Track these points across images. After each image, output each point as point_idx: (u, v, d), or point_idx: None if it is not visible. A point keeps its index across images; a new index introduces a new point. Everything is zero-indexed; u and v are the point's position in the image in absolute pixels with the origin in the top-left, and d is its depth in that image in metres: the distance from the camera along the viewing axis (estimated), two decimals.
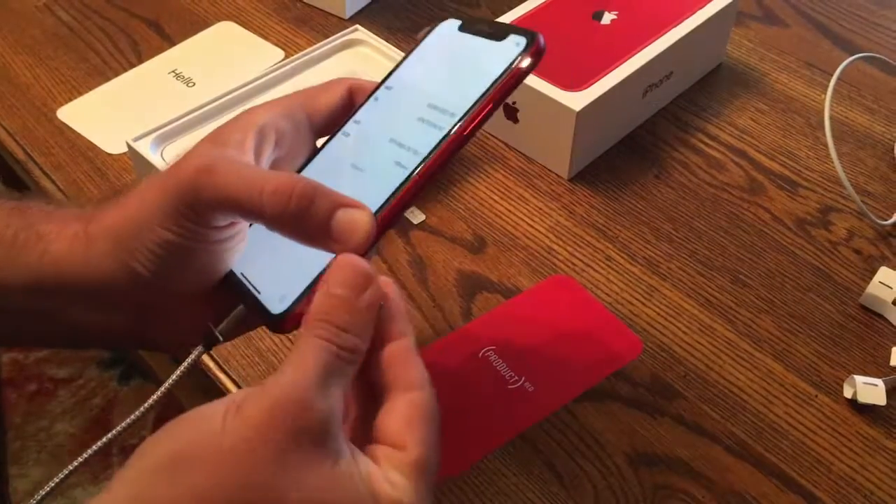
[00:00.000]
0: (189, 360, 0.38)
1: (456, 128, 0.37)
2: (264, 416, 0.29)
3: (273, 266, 0.39)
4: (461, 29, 0.43)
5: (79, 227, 0.37)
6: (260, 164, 0.37)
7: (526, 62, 0.38)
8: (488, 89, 0.38)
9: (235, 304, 0.40)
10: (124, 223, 0.36)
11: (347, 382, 0.32)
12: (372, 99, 0.42)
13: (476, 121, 0.38)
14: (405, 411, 0.32)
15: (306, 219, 0.34)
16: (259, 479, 0.29)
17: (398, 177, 0.37)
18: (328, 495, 0.29)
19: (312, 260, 0.37)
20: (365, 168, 0.39)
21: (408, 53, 0.43)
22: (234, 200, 0.34)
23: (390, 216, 0.37)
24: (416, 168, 0.37)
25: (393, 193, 0.37)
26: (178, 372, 0.38)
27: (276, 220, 0.34)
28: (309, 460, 0.29)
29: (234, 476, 0.29)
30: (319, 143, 0.42)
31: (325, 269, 0.35)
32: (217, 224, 0.36)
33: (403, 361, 0.33)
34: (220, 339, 0.38)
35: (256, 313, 0.38)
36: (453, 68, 0.41)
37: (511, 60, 0.38)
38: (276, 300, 0.37)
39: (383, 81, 0.42)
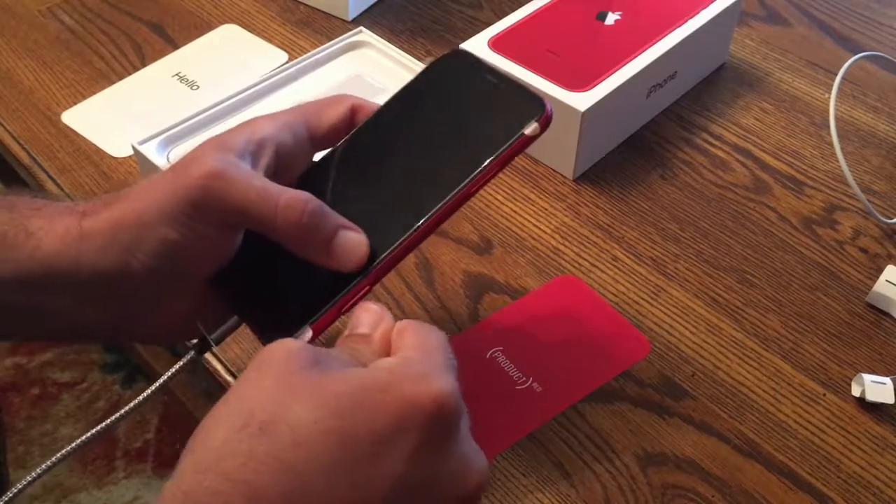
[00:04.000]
0: (179, 364, 0.39)
1: (460, 191, 0.38)
2: (260, 361, 0.31)
3: (272, 292, 0.40)
4: (471, 71, 0.43)
5: (70, 222, 0.37)
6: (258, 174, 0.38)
7: (535, 131, 0.39)
8: (496, 156, 0.38)
9: (223, 302, 0.40)
10: (126, 219, 0.37)
11: None
12: (374, 127, 0.42)
13: (479, 185, 0.39)
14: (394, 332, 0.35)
15: (312, 235, 0.36)
16: (266, 401, 0.29)
17: (397, 232, 0.38)
18: (341, 388, 0.30)
19: (313, 293, 0.38)
20: (363, 209, 0.39)
21: (413, 82, 0.43)
22: (245, 209, 0.36)
23: (387, 267, 0.38)
24: (416, 227, 0.38)
25: (391, 249, 0.38)
26: (169, 372, 0.39)
27: (284, 232, 0.36)
28: (308, 378, 0.30)
29: (244, 408, 0.29)
30: (317, 157, 0.43)
31: (327, 305, 0.37)
32: (219, 227, 0.37)
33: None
34: (214, 345, 0.39)
35: (255, 331, 0.39)
36: (463, 120, 0.41)
37: (522, 128, 0.39)
38: (275, 331, 0.37)
39: (386, 107, 0.43)
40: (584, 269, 0.55)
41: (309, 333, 0.36)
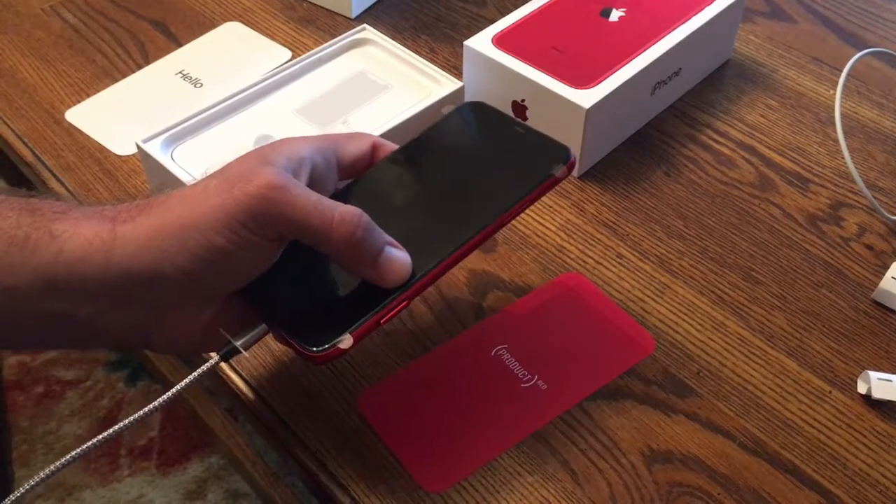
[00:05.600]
0: (203, 368, 0.39)
1: (494, 222, 0.42)
2: None
3: (309, 302, 0.41)
4: (492, 119, 0.47)
5: (100, 226, 0.37)
6: None
7: (563, 173, 0.43)
8: (529, 192, 0.42)
9: (250, 311, 0.40)
10: (170, 224, 0.37)
11: None
12: (399, 161, 0.45)
13: (509, 219, 0.42)
14: None
15: (361, 250, 0.38)
16: None
17: (438, 253, 0.41)
18: None
19: (352, 304, 0.40)
20: (400, 230, 0.41)
21: (434, 125, 0.47)
22: (302, 222, 0.37)
23: (426, 285, 0.40)
24: (458, 247, 0.41)
25: (431, 267, 0.40)
26: (189, 378, 0.39)
27: (337, 246, 0.37)
28: None
29: None
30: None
31: (367, 315, 0.39)
32: (270, 238, 0.37)
33: None
34: (243, 352, 0.39)
35: (286, 339, 0.40)
36: (493, 160, 0.45)
37: (551, 169, 0.43)
38: (314, 337, 0.38)
39: (409, 145, 0.45)
40: (588, 266, 0.54)
41: (351, 341, 0.38)
